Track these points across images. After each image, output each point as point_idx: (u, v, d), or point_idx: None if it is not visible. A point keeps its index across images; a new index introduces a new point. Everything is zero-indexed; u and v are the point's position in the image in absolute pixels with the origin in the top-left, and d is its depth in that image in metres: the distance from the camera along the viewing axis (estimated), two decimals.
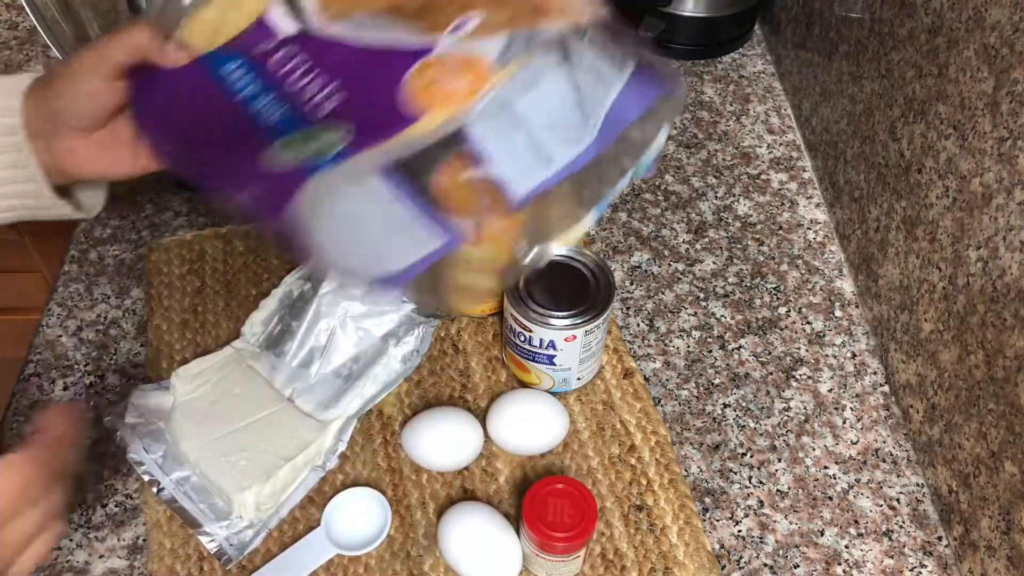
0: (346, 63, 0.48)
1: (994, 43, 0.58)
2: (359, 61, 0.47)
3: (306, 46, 0.49)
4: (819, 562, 0.65)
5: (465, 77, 0.45)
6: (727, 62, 1.04)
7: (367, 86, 0.47)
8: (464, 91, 0.45)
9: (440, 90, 0.45)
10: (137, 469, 0.66)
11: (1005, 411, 0.57)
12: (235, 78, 0.49)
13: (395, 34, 0.47)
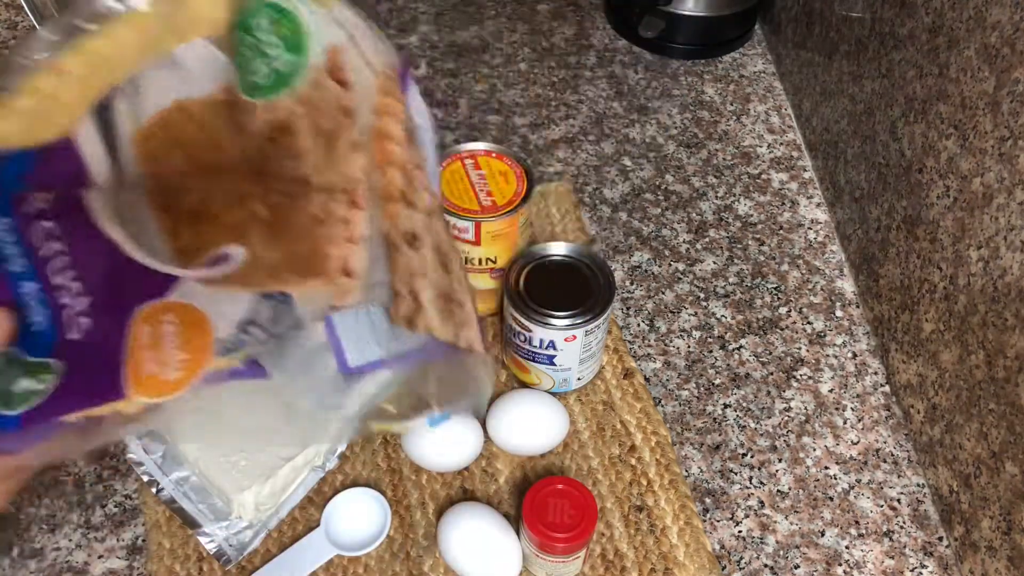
0: (106, 270, 0.40)
1: (995, 43, 0.58)
2: (115, 272, 0.40)
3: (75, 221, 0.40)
4: (820, 562, 0.64)
5: (182, 354, 0.40)
6: (727, 62, 1.04)
7: (108, 314, 0.40)
8: (171, 382, 0.40)
9: (151, 369, 0.40)
10: (136, 469, 0.66)
11: (1006, 411, 0.57)
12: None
13: (150, 249, 0.40)
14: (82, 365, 0.39)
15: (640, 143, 0.94)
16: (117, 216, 0.40)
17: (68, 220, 0.40)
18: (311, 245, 0.40)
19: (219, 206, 0.41)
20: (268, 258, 0.40)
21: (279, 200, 0.41)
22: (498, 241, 0.70)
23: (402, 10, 1.10)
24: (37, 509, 0.66)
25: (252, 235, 0.40)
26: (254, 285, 0.41)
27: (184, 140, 0.43)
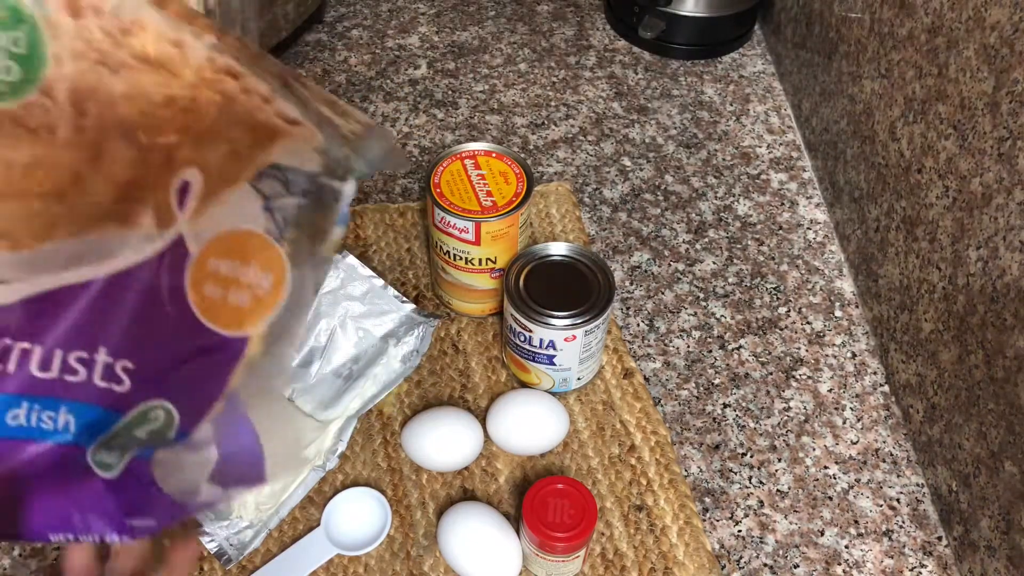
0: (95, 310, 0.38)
1: (994, 43, 0.58)
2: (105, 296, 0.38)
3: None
4: (819, 562, 0.65)
5: (254, 268, 0.39)
6: (727, 62, 1.04)
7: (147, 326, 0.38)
8: (268, 293, 0.39)
9: (239, 299, 0.39)
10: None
11: (1005, 411, 0.57)
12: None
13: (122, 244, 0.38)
14: (188, 380, 0.39)
15: (640, 143, 0.94)
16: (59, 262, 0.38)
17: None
18: (242, 124, 0.39)
19: (124, 174, 0.39)
20: (218, 157, 0.39)
21: (174, 122, 0.39)
22: (498, 241, 0.70)
23: (402, 10, 1.10)
24: None
25: (184, 158, 0.39)
26: (236, 180, 0.39)
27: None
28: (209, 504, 0.40)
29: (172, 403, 0.39)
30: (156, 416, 0.39)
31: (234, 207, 0.39)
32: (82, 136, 0.39)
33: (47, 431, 0.38)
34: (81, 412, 0.38)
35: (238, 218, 0.39)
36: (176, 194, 0.38)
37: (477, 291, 0.74)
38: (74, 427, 0.38)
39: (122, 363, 0.38)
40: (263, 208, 0.39)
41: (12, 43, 0.37)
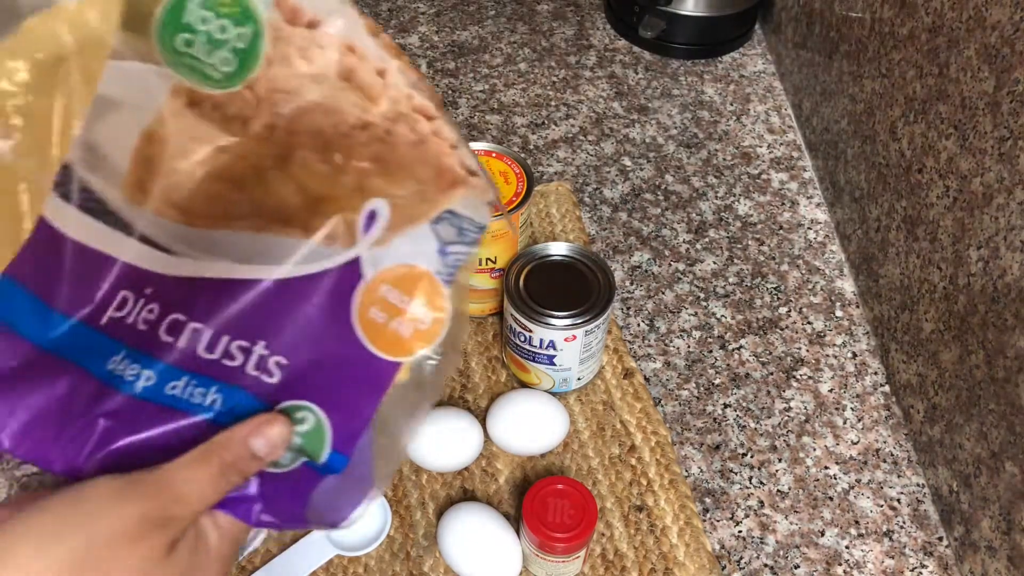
0: (263, 304, 0.41)
1: (995, 43, 0.58)
2: (279, 297, 0.41)
3: (165, 285, 0.41)
4: (819, 562, 0.64)
5: (419, 303, 0.41)
6: (727, 61, 1.04)
7: (307, 332, 0.41)
8: (429, 328, 0.41)
9: (401, 328, 0.41)
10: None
11: (1006, 411, 0.57)
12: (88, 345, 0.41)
13: (300, 255, 0.41)
14: (323, 382, 0.41)
15: (640, 143, 0.94)
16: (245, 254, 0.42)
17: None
18: (429, 165, 0.41)
19: (316, 187, 0.42)
20: (405, 194, 0.41)
21: (369, 148, 0.42)
22: (498, 241, 0.70)
23: (402, 10, 1.10)
24: None
25: (374, 187, 0.41)
26: (418, 219, 0.41)
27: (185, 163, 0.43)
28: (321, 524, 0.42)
29: (321, 408, 0.41)
30: (304, 418, 0.41)
31: (412, 243, 0.41)
32: (272, 134, 0.42)
33: (195, 405, 0.40)
34: (230, 394, 0.41)
35: (414, 255, 0.41)
36: (364, 219, 0.41)
37: (477, 291, 0.74)
38: (219, 406, 0.40)
39: (276, 358, 0.41)
40: (438, 251, 0.41)
41: (237, 38, 0.40)
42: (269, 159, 0.42)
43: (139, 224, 0.43)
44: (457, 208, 0.41)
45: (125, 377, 0.41)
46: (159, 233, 0.43)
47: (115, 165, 0.43)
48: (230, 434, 0.39)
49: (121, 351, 0.41)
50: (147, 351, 0.41)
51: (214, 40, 0.40)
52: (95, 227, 0.43)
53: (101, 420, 0.40)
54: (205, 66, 0.41)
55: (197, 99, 0.42)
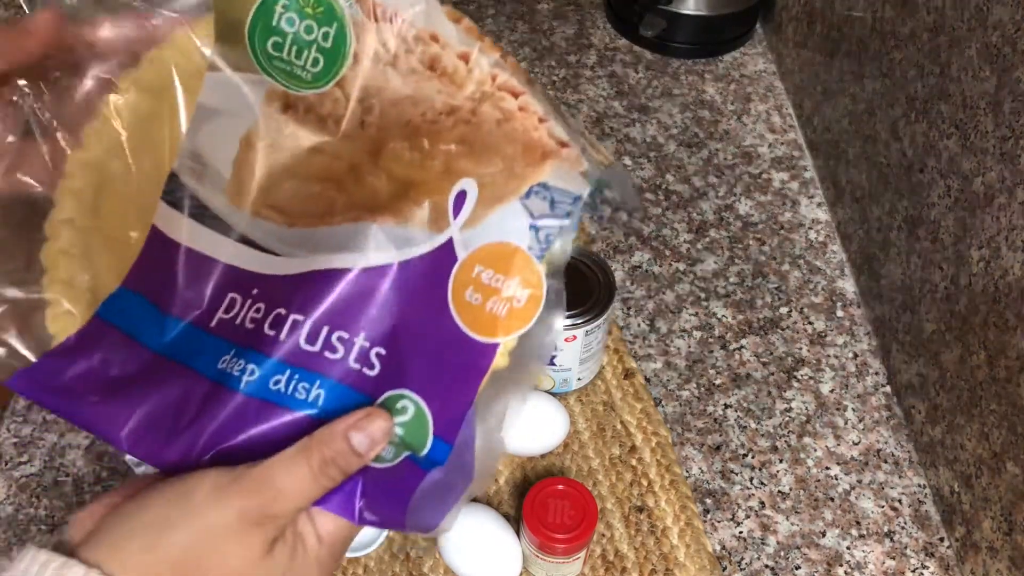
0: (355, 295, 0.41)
1: (996, 42, 0.58)
2: (363, 286, 0.41)
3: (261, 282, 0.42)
4: (820, 563, 0.64)
5: (515, 282, 0.40)
6: (728, 61, 1.03)
7: (404, 319, 0.41)
8: (525, 304, 0.40)
9: (497, 308, 0.40)
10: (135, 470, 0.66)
11: (1007, 411, 0.57)
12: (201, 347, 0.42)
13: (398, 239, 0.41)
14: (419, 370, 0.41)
15: (641, 142, 0.94)
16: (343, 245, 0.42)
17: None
18: (516, 141, 0.41)
19: (405, 174, 0.42)
20: (494, 172, 0.41)
21: (454, 131, 0.42)
22: None
23: None
24: (36, 509, 0.66)
25: (462, 168, 0.41)
26: (507, 195, 0.41)
27: (287, 167, 0.44)
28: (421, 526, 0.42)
29: (420, 396, 0.40)
30: (404, 407, 0.40)
31: (503, 221, 0.41)
32: (364, 131, 0.42)
33: (299, 401, 0.40)
34: (332, 389, 0.40)
35: (505, 232, 0.41)
36: (453, 201, 0.41)
37: None
38: (322, 402, 0.40)
39: (376, 349, 0.41)
40: (530, 226, 0.41)
41: (323, 37, 0.41)
42: (362, 155, 0.43)
43: (241, 226, 0.43)
44: (549, 181, 0.41)
45: (233, 374, 0.41)
46: (261, 235, 0.43)
47: (217, 171, 0.44)
48: (330, 429, 0.39)
49: (231, 350, 0.42)
50: (253, 347, 0.41)
51: (301, 41, 0.41)
52: (202, 232, 0.43)
53: (210, 418, 0.40)
54: (295, 67, 0.42)
55: (291, 102, 0.43)
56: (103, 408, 0.41)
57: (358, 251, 0.41)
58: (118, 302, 0.43)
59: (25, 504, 0.66)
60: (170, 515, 0.36)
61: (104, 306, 0.43)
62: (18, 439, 0.70)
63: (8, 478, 0.68)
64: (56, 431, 0.70)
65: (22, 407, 0.72)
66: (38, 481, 0.68)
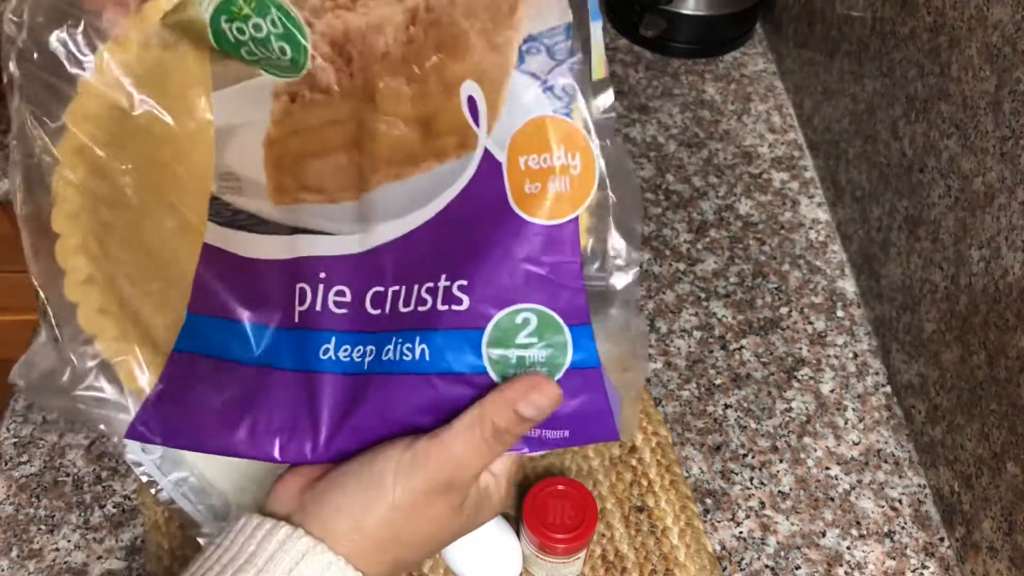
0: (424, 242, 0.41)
1: (996, 42, 0.58)
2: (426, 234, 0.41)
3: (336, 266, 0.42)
4: (821, 563, 0.64)
5: (560, 151, 0.39)
6: (728, 61, 1.03)
7: (479, 244, 0.40)
8: (582, 167, 0.40)
9: (558, 186, 0.39)
10: (135, 470, 0.66)
11: (1007, 411, 0.57)
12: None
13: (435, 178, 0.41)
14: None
15: (641, 142, 0.94)
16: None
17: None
18: (478, 7, 0.40)
19: (418, 112, 0.42)
20: (481, 57, 0.40)
21: (427, 40, 0.41)
22: None
23: None
24: (36, 509, 0.66)
25: (456, 74, 0.41)
26: (504, 72, 0.40)
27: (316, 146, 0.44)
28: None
29: (531, 302, 0.40)
30: (526, 320, 0.40)
31: (516, 100, 0.40)
32: (354, 82, 0.42)
33: (407, 363, 0.41)
34: (431, 339, 0.41)
35: (525, 109, 0.40)
36: (468, 113, 0.40)
37: None
38: (428, 355, 0.40)
39: (458, 282, 0.40)
40: (542, 90, 0.40)
41: (272, 25, 0.41)
42: (364, 106, 0.42)
43: (290, 219, 0.44)
44: (532, 31, 0.39)
45: (354, 359, 0.42)
46: (311, 219, 0.43)
47: (253, 181, 0.44)
48: (500, 398, 0.40)
49: (331, 338, 0.42)
50: (358, 329, 0.42)
51: (262, 40, 0.41)
52: (255, 239, 0.44)
53: (336, 406, 0.41)
54: (274, 61, 0.42)
55: (294, 91, 0.43)
56: (226, 431, 0.43)
57: (419, 206, 0.41)
58: (191, 329, 0.43)
59: (25, 504, 0.66)
60: (367, 498, 0.39)
61: (180, 340, 0.43)
62: (18, 439, 0.70)
63: (8, 478, 0.68)
64: (56, 431, 0.70)
65: (22, 407, 0.72)
66: (38, 481, 0.68)
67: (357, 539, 0.39)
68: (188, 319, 0.43)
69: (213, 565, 0.39)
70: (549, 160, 0.39)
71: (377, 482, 0.39)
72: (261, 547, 0.38)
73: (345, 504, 0.40)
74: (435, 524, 0.40)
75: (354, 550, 0.39)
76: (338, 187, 0.43)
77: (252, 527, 0.39)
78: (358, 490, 0.40)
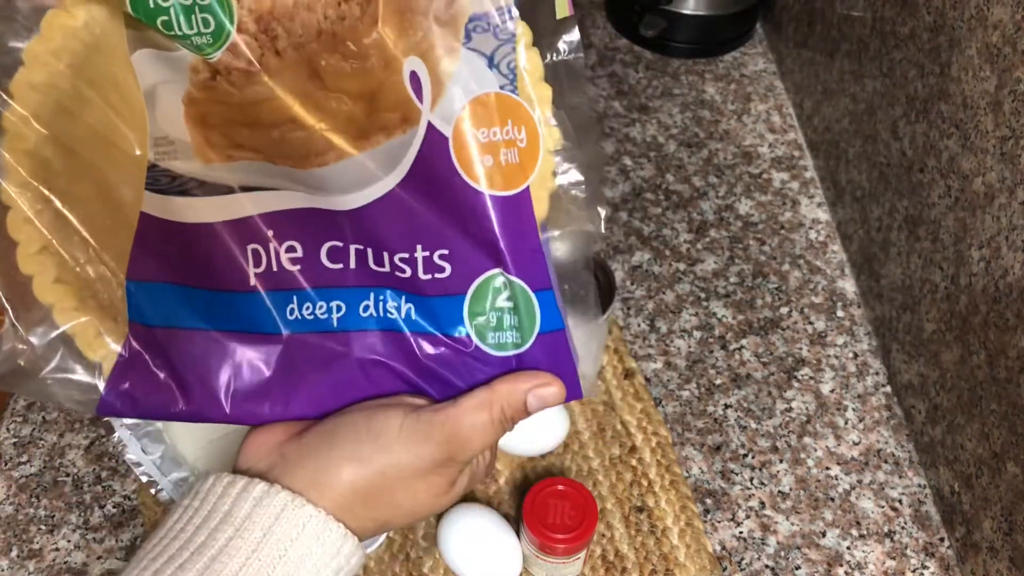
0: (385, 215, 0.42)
1: (996, 42, 0.58)
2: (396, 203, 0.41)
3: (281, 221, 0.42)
4: (821, 563, 0.64)
5: (508, 126, 0.40)
6: (728, 61, 1.03)
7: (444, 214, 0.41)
8: (528, 139, 0.41)
9: (510, 158, 0.41)
10: (135, 470, 0.66)
11: (1007, 411, 0.57)
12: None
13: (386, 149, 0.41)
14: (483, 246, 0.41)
15: (641, 142, 0.94)
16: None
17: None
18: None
19: (361, 88, 0.41)
20: (424, 34, 0.40)
21: (364, 17, 0.41)
22: None
23: None
24: (36, 509, 0.66)
25: (398, 49, 0.41)
26: (451, 50, 0.40)
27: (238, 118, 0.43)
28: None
29: (502, 271, 0.41)
30: (504, 285, 0.41)
31: (462, 77, 0.40)
32: (285, 60, 0.41)
33: (392, 320, 0.42)
34: (418, 301, 0.42)
35: (472, 86, 0.40)
36: (411, 88, 0.40)
37: None
38: (414, 314, 0.42)
39: (439, 252, 0.41)
40: (488, 66, 0.40)
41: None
42: (305, 84, 0.42)
43: (226, 178, 0.43)
44: (475, 10, 0.40)
45: (319, 318, 0.42)
46: (247, 176, 0.43)
47: (182, 141, 0.43)
48: (512, 387, 0.41)
49: (292, 298, 0.42)
50: (321, 285, 0.42)
51: (183, 9, 0.40)
52: (193, 204, 0.43)
53: (319, 366, 0.42)
54: (191, 37, 0.40)
55: (214, 68, 0.42)
56: (192, 398, 0.42)
57: (372, 182, 0.41)
58: (138, 297, 0.43)
59: (25, 504, 0.66)
60: (363, 452, 0.39)
61: (130, 309, 0.43)
62: (18, 439, 0.70)
63: (8, 478, 0.68)
64: (56, 431, 0.70)
65: (22, 407, 0.72)
66: (38, 481, 0.68)
67: (347, 492, 0.39)
68: (129, 286, 0.43)
69: (185, 527, 0.38)
70: (499, 134, 0.40)
71: (375, 439, 0.39)
72: (236, 505, 0.38)
73: (335, 456, 0.39)
74: (429, 493, 0.41)
75: (341, 504, 0.39)
76: (278, 155, 0.43)
77: (224, 485, 0.38)
78: (352, 442, 0.40)
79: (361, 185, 0.42)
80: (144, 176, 0.43)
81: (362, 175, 0.42)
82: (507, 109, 0.40)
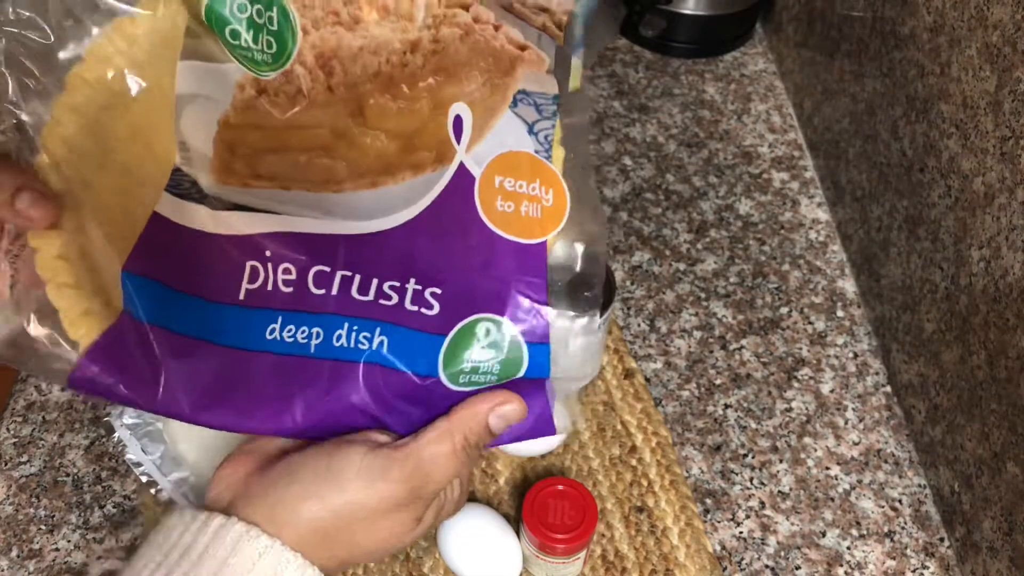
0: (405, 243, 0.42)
1: (996, 42, 0.58)
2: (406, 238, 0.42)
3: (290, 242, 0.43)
4: (821, 563, 0.64)
5: (536, 184, 0.42)
6: (728, 61, 1.03)
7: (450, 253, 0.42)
8: (555, 201, 0.42)
9: (531, 211, 0.42)
10: (135, 470, 0.66)
11: (1008, 411, 0.57)
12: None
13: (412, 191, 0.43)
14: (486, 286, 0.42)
15: (641, 142, 0.94)
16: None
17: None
18: (485, 52, 0.42)
19: (401, 126, 0.43)
20: (477, 88, 0.42)
21: (427, 65, 0.43)
22: None
23: None
24: (36, 509, 0.66)
25: (448, 96, 0.42)
26: (497, 108, 0.42)
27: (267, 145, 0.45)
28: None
29: (497, 315, 0.41)
30: (488, 330, 0.41)
31: (503, 133, 0.42)
32: (335, 95, 0.43)
33: (361, 352, 0.41)
34: (393, 332, 0.41)
35: (510, 142, 0.42)
36: (452, 127, 0.42)
37: None
38: (387, 348, 0.41)
39: (431, 289, 0.42)
40: (528, 132, 0.42)
41: (268, 22, 0.42)
42: (344, 119, 0.43)
43: (234, 199, 0.44)
44: (526, 87, 0.42)
45: (299, 341, 0.42)
46: (257, 200, 0.44)
47: (202, 154, 0.45)
48: (471, 411, 0.41)
49: (277, 318, 0.42)
50: (303, 310, 0.42)
51: (254, 25, 0.42)
52: (202, 212, 0.44)
53: (294, 386, 0.42)
54: (254, 52, 0.43)
55: (262, 87, 0.44)
56: (155, 393, 0.43)
57: (390, 213, 0.42)
58: (130, 289, 0.43)
59: (25, 504, 0.66)
60: (321, 490, 0.39)
61: (124, 300, 0.43)
62: (18, 439, 0.70)
63: (8, 478, 0.68)
64: (56, 431, 0.70)
65: (22, 407, 0.72)
66: (38, 481, 0.68)
67: (301, 528, 0.38)
68: (124, 277, 0.43)
69: (148, 563, 0.38)
70: (525, 187, 0.42)
71: (334, 478, 0.39)
72: (197, 539, 0.38)
73: (294, 492, 0.39)
74: (392, 532, 0.40)
75: (298, 540, 0.38)
76: (294, 179, 0.44)
77: (187, 520, 0.39)
78: (311, 480, 0.39)
79: (374, 215, 0.43)
80: (167, 179, 0.44)
81: (378, 206, 0.43)
82: (538, 170, 0.42)
